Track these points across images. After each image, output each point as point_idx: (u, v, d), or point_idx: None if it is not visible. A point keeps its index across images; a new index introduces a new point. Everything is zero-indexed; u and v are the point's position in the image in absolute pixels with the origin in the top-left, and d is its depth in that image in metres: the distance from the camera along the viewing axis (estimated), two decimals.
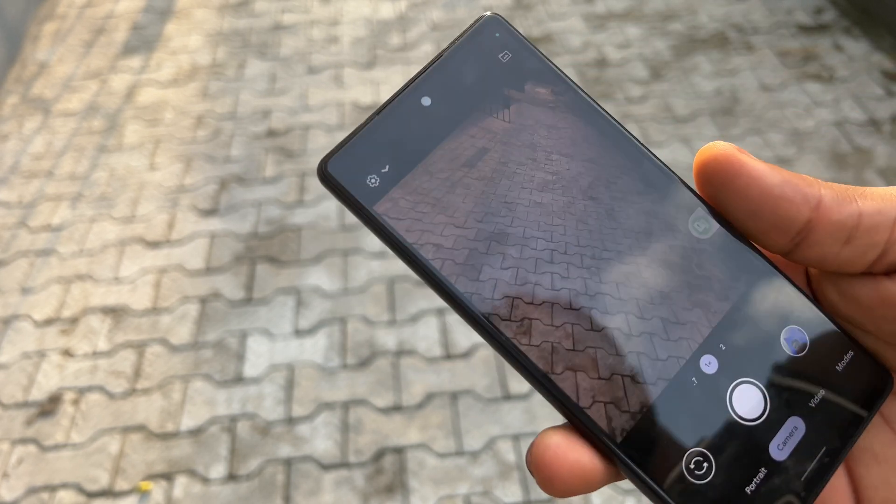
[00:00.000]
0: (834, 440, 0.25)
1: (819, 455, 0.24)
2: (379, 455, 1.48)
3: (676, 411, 0.24)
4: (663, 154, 2.15)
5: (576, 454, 0.22)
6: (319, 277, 1.85)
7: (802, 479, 0.24)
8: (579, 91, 0.28)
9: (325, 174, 0.27)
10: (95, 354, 1.70)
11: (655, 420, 0.24)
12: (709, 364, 0.25)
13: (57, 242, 2.00)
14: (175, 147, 2.33)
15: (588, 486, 0.23)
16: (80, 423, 1.56)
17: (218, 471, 1.46)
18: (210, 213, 2.07)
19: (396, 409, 1.56)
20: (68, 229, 2.04)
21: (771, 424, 0.25)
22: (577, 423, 0.24)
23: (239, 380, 1.63)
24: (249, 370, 1.65)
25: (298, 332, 1.72)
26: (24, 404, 1.61)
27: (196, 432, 1.53)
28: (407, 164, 0.27)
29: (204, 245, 1.97)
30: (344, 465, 1.46)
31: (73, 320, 1.78)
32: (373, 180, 0.27)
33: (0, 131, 2.44)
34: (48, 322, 1.78)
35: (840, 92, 2.34)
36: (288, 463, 1.47)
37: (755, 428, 0.24)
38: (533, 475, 0.22)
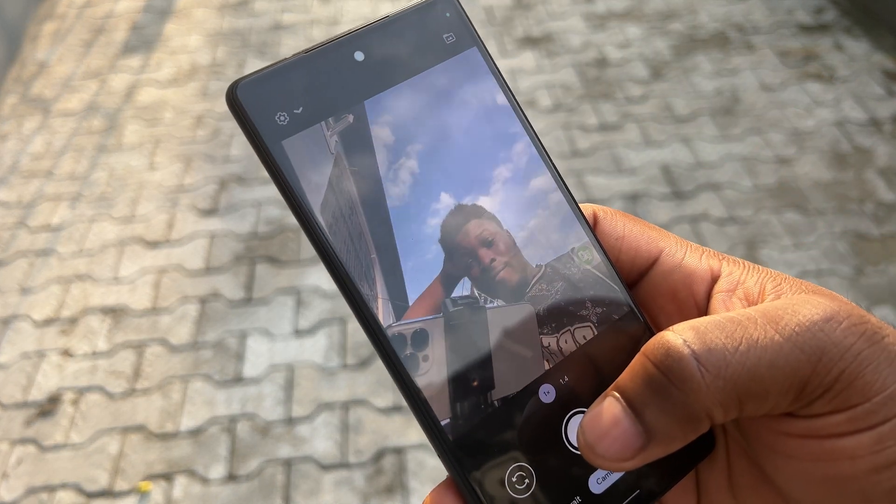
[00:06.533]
0: (649, 485, 0.26)
1: (632, 496, 0.25)
2: (379, 455, 1.48)
3: (510, 425, 0.25)
4: (663, 154, 2.15)
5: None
6: (319, 277, 1.85)
7: None
8: (512, 99, 0.27)
9: (233, 98, 0.24)
10: (95, 354, 1.70)
11: (490, 428, 0.26)
12: (547, 393, 0.26)
13: (56, 242, 2.00)
14: (175, 147, 2.33)
15: None
16: (80, 423, 1.56)
17: (218, 471, 1.46)
18: (210, 212, 2.07)
19: (396, 409, 1.55)
20: (68, 229, 2.04)
21: None
22: (418, 411, 0.26)
23: (239, 380, 1.63)
24: (249, 370, 1.64)
25: (298, 332, 1.72)
26: (24, 404, 1.60)
27: (196, 432, 1.53)
28: (322, 112, 0.25)
29: (204, 245, 1.97)
30: (344, 465, 1.46)
31: (73, 320, 1.78)
32: (282, 118, 0.24)
33: None
34: (48, 322, 1.78)
35: (841, 91, 2.34)
36: (288, 463, 1.47)
37: (579, 458, 0.25)
38: None
